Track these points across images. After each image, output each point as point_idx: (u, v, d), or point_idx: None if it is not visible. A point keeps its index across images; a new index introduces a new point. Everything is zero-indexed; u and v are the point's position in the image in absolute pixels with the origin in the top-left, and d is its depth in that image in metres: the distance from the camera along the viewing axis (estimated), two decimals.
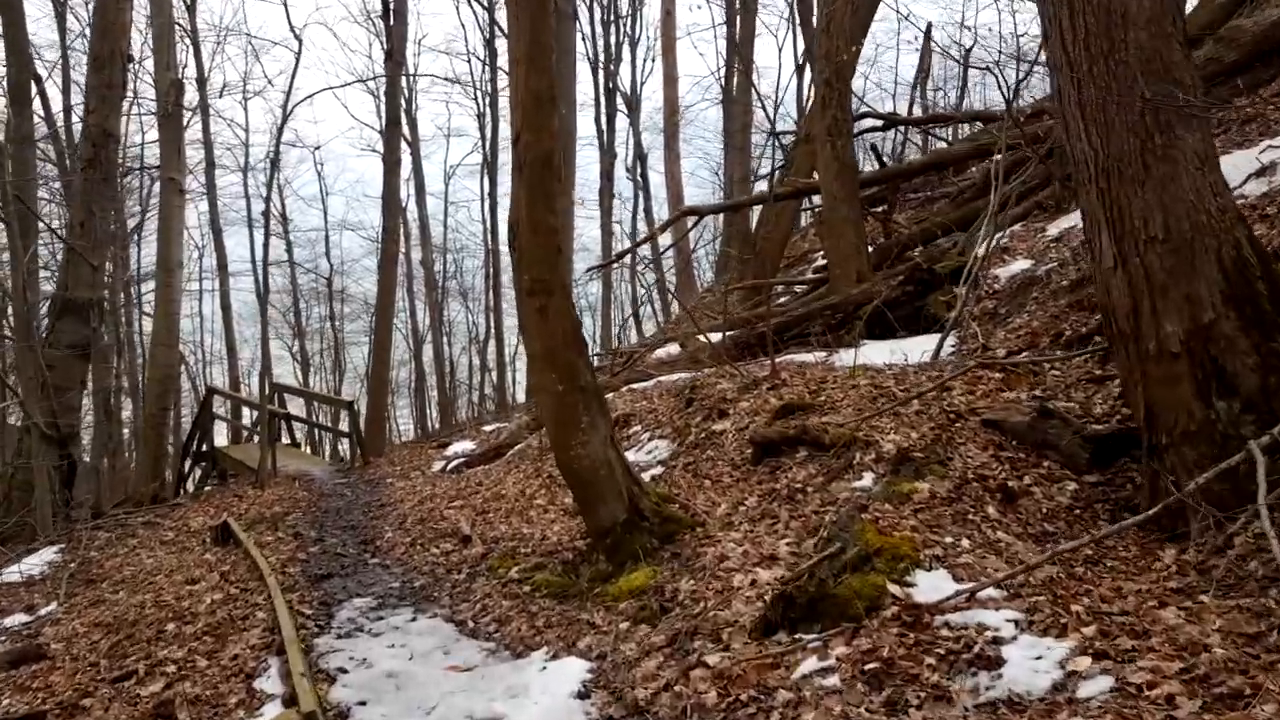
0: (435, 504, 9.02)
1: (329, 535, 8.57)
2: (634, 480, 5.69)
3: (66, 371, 10.80)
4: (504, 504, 8.02)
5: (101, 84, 11.17)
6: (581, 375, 5.58)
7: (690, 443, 7.34)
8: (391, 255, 18.41)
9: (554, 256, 5.59)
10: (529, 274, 5.53)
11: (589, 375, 5.63)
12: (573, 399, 5.53)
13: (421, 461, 14.11)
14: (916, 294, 8.77)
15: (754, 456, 6.15)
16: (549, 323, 5.52)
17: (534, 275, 5.52)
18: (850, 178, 10.91)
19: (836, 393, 6.82)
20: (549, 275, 5.54)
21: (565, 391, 5.53)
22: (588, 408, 5.57)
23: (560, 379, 5.53)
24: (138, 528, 9.86)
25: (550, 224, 5.56)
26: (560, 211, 5.69)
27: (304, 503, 11.03)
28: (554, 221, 5.58)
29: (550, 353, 5.53)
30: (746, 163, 18.56)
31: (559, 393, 5.53)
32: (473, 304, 33.95)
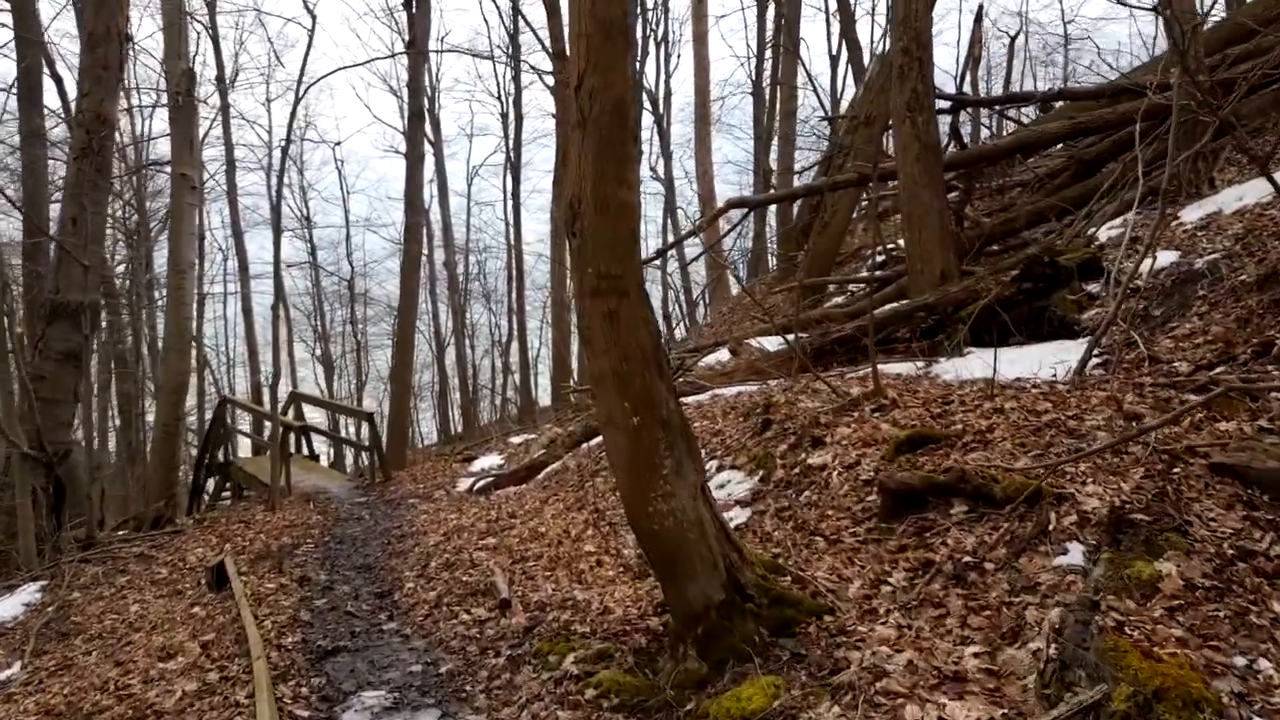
0: (463, 540, 7.44)
1: (340, 580, 7.01)
2: (732, 545, 4.08)
3: (57, 382, 9.31)
4: (545, 548, 6.42)
5: (96, 64, 9.66)
6: (663, 404, 3.98)
7: (779, 480, 5.73)
8: (414, 255, 16.90)
9: (627, 243, 3.99)
10: (594, 267, 3.93)
11: (673, 404, 4.03)
12: (652, 436, 3.94)
13: (445, 478, 12.57)
14: (1035, 292, 7.13)
15: (885, 508, 4.52)
16: (620, 333, 3.93)
17: (601, 269, 3.92)
18: (933, 160, 9.26)
19: (973, 418, 5.19)
20: (622, 269, 3.94)
21: (642, 426, 3.93)
22: (671, 448, 3.97)
23: (635, 409, 3.93)
24: (130, 561, 8.36)
25: (623, 200, 3.96)
26: (635, 184, 4.11)
27: (317, 529, 9.49)
28: (628, 196, 3.98)
29: (622, 374, 3.93)
30: (791, 152, 16.94)
31: (633, 428, 3.93)
32: (495, 306, 32.52)
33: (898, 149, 9.99)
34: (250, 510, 11.40)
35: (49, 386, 9.22)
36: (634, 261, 4.03)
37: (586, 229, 3.94)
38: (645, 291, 4.06)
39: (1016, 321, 7.12)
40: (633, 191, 4.03)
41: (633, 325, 3.95)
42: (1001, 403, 5.33)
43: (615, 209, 3.94)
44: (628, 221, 3.99)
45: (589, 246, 3.95)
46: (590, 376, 4.11)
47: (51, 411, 9.18)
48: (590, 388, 4.25)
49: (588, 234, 3.94)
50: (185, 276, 15.67)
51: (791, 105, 16.66)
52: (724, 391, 8.81)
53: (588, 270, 3.96)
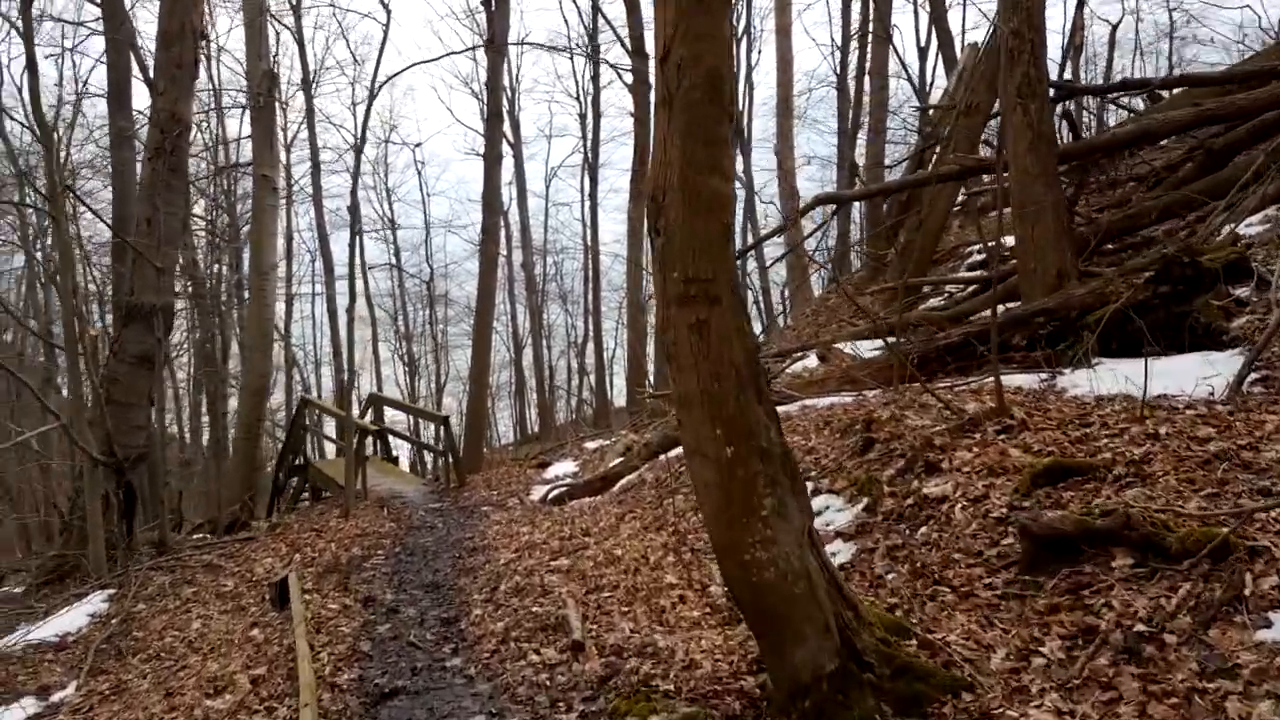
0: (534, 560, 6.86)
1: (406, 600, 6.50)
2: (846, 601, 3.39)
3: (130, 386, 9.05)
4: (621, 575, 5.79)
5: (170, 62, 9.39)
6: (762, 432, 3.31)
7: (889, 512, 4.99)
8: (491, 256, 16.48)
9: (720, 242, 3.32)
10: (681, 270, 3.28)
11: (775, 431, 3.35)
12: (749, 471, 3.27)
13: (519, 485, 12.06)
14: (1174, 296, 6.22)
15: (1028, 557, 3.75)
16: (711, 347, 3.27)
17: (689, 272, 3.27)
18: (1047, 149, 8.35)
19: (1123, 445, 4.38)
20: (713, 271, 3.28)
21: (736, 458, 3.26)
22: (773, 484, 3.29)
23: (728, 437, 3.27)
24: (198, 570, 8.03)
25: (715, 190, 3.30)
26: (730, 171, 3.45)
27: (389, 539, 9.04)
28: (721, 186, 3.32)
29: (713, 396, 3.27)
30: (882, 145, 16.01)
31: (726, 460, 3.27)
32: (572, 307, 32.10)
33: (1008, 138, 9.08)
34: (325, 515, 11.07)
35: (123, 389, 8.98)
36: (727, 262, 3.37)
37: (672, 225, 3.30)
38: (740, 297, 3.40)
39: (1152, 329, 6.21)
40: (727, 180, 3.37)
41: (725, 337, 3.29)
42: (1154, 426, 4.51)
43: (706, 201, 3.29)
44: (720, 216, 3.33)
45: (674, 245, 3.30)
46: (675, 397, 3.45)
47: (124, 415, 8.93)
48: (674, 409, 3.58)
49: (673, 231, 3.30)
50: (267, 278, 15.56)
51: (883, 96, 15.74)
52: (814, 402, 8.07)
53: (672, 273, 3.32)
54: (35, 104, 8.32)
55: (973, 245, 13.36)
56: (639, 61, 20.54)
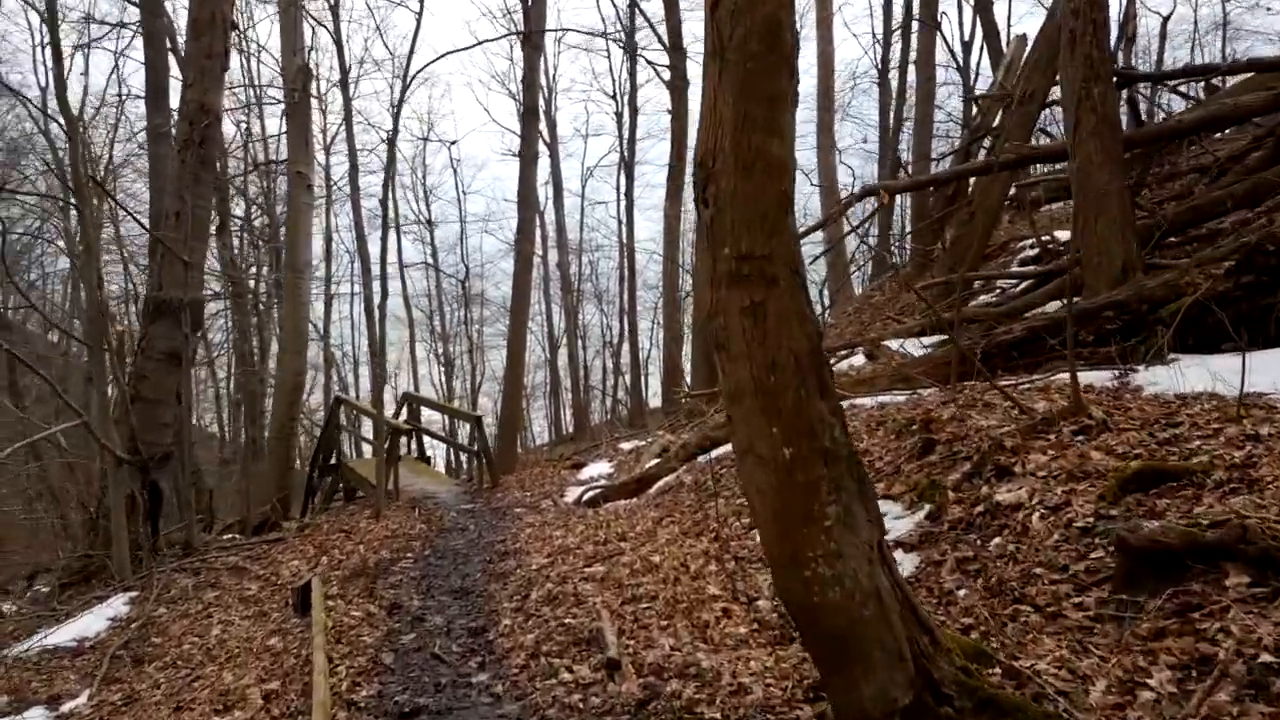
0: (568, 565, 6.47)
1: (433, 607, 6.15)
2: (921, 625, 2.95)
3: (158, 383, 8.80)
4: (660, 585, 5.38)
5: (200, 53, 9.14)
6: (825, 430, 2.88)
7: (956, 520, 4.53)
8: (526, 255, 16.16)
9: (778, 213, 2.90)
10: (733, 246, 2.87)
11: (839, 430, 2.92)
12: (810, 475, 2.85)
13: (553, 486, 11.70)
14: (1258, 287, 5.69)
15: (1124, 573, 3.29)
16: (768, 333, 2.85)
17: (743, 248, 2.86)
18: (1112, 136, 7.82)
19: (1220, 447, 3.90)
20: (770, 247, 2.86)
21: (796, 460, 2.84)
22: (838, 489, 2.87)
23: (787, 436, 2.85)
24: (223, 573, 7.76)
25: (773, 155, 2.88)
26: (790, 133, 3.03)
27: (419, 541, 8.72)
28: (780, 150, 2.90)
29: (769, 389, 2.85)
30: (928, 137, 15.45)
31: (783, 463, 2.85)
32: (607, 306, 31.74)
33: (1068, 125, 8.56)
34: (356, 516, 10.79)
35: (151, 387, 8.74)
36: (786, 237, 2.94)
37: (723, 194, 2.89)
38: (802, 277, 2.97)
39: (1234, 322, 5.68)
40: (786, 143, 2.94)
41: (784, 322, 2.87)
42: (1252, 426, 4.02)
43: (763, 167, 2.87)
44: (779, 183, 2.91)
45: (726, 218, 2.89)
46: (724, 391, 3.03)
47: (152, 412, 8.69)
48: (723, 403, 3.15)
49: (724, 201, 2.88)
50: (302, 276, 15.35)
51: (930, 88, 15.19)
52: (863, 401, 7.60)
53: (723, 250, 2.90)
54: (60, 94, 8.10)
55: (1024, 240, 12.79)
56: (676, 57, 20.14)
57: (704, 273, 3.03)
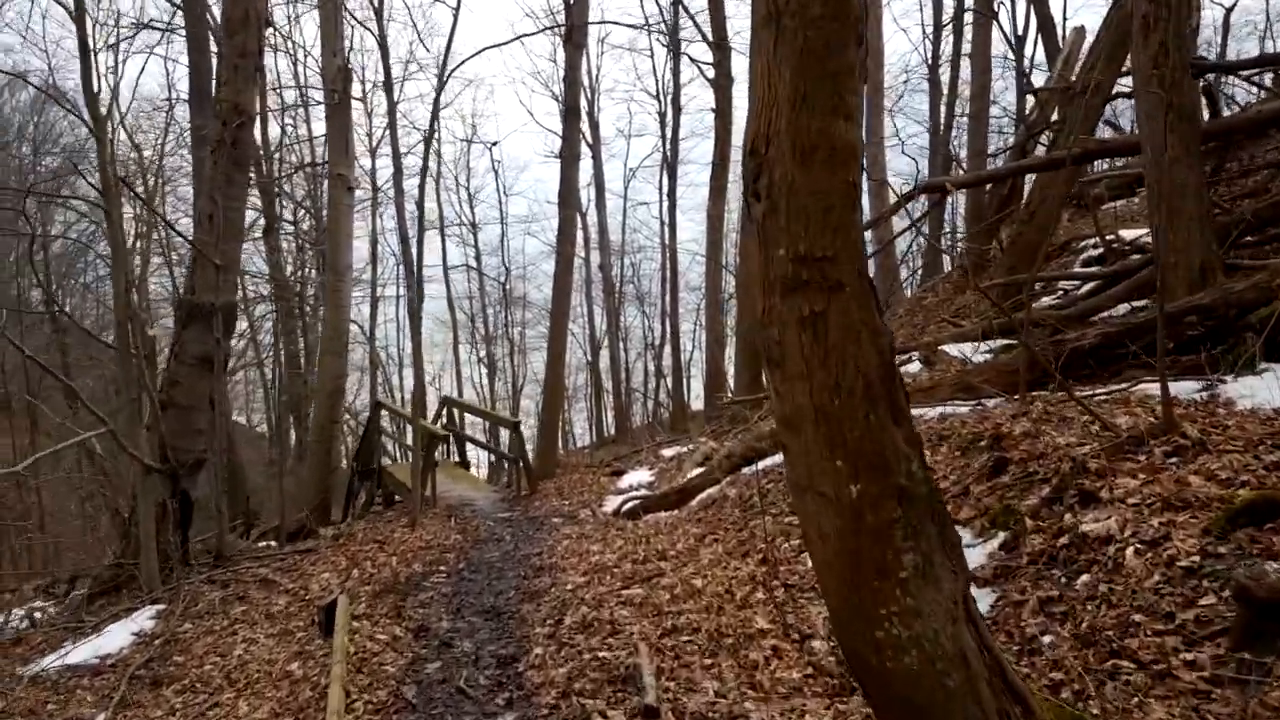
0: (604, 587, 6.04)
1: (462, 630, 5.76)
2: (1012, 694, 2.46)
3: (191, 388, 8.55)
4: (703, 616, 4.92)
5: (234, 52, 8.87)
6: (900, 464, 2.41)
7: (1036, 552, 4.02)
8: (568, 256, 15.76)
9: (843, 208, 2.44)
10: (790, 245, 2.41)
11: (917, 463, 2.45)
12: (882, 518, 2.38)
13: (592, 494, 11.30)
14: None
15: (1244, 626, 2.78)
16: (831, 349, 2.39)
17: (801, 248, 2.40)
18: (1189, 128, 7.19)
19: None
20: (833, 248, 2.40)
21: (865, 499, 2.38)
22: (915, 535, 2.40)
23: (854, 471, 2.38)
24: (252, 585, 7.47)
25: (838, 137, 2.42)
26: (857, 113, 2.57)
27: (453, 553, 8.37)
28: (845, 132, 2.43)
29: (832, 414, 2.39)
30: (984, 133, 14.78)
31: (850, 503, 2.39)
32: (649, 308, 31.31)
33: (1141, 117, 7.94)
34: (392, 524, 10.48)
35: (183, 392, 8.49)
36: (852, 235, 2.48)
37: (778, 185, 2.43)
38: (870, 283, 2.50)
39: None
40: (852, 125, 2.47)
41: (850, 336, 2.41)
42: None
43: (825, 153, 2.41)
44: (844, 171, 2.44)
45: (782, 213, 2.43)
46: (779, 417, 2.58)
47: (185, 418, 8.44)
48: (778, 430, 2.69)
49: (780, 193, 2.43)
50: (343, 278, 15.14)
51: (985, 81, 14.50)
52: (922, 412, 7.06)
53: (778, 250, 2.45)
54: (88, 92, 7.87)
55: (1086, 239, 12.10)
56: (720, 54, 19.65)
57: (755, 276, 2.57)
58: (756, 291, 2.55)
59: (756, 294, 2.55)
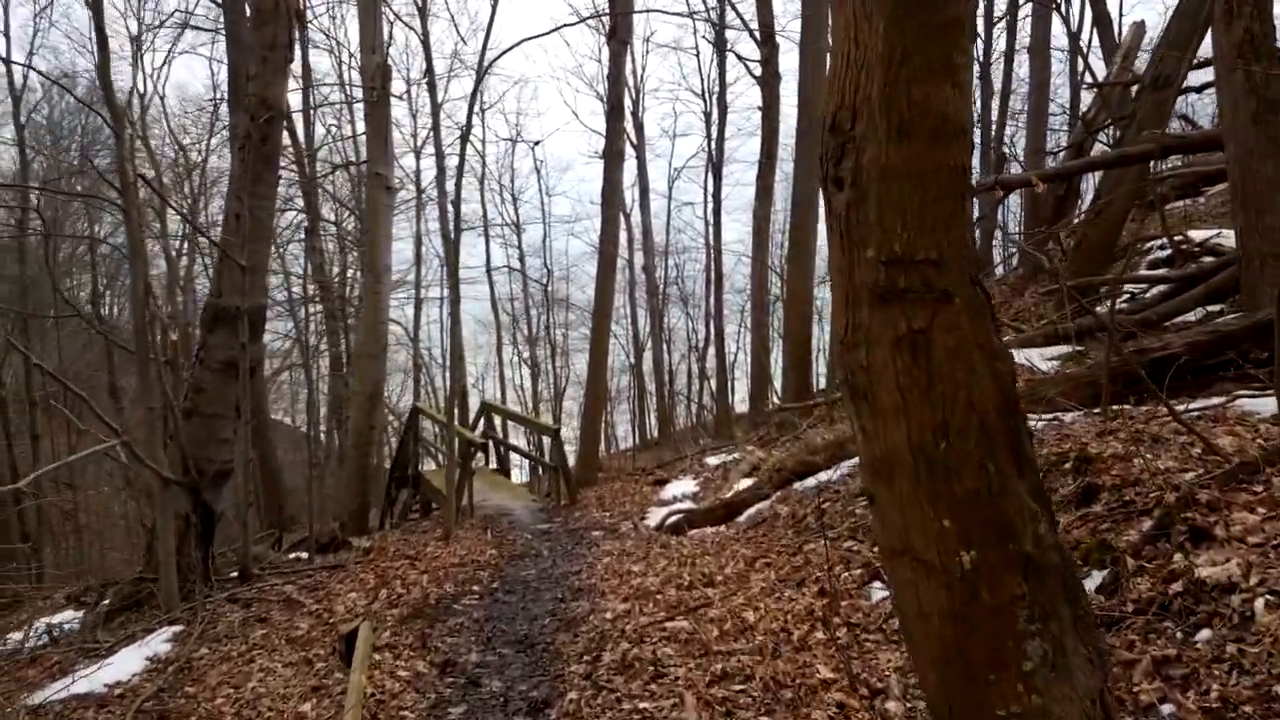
0: (647, 617, 5.53)
1: (491, 665, 5.30)
2: None
3: (217, 395, 8.19)
4: (755, 659, 4.39)
5: (262, 43, 8.51)
6: (1027, 527, 1.88)
7: (1144, 599, 3.43)
8: (610, 256, 15.30)
9: (949, 198, 1.91)
10: (882, 246, 1.89)
11: (1045, 524, 1.91)
12: (1002, 594, 1.85)
13: (634, 504, 10.82)
14: None
15: None
16: (936, 377, 1.86)
17: (897, 248, 1.88)
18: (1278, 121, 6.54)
19: None
20: (938, 247, 1.88)
21: (982, 571, 1.85)
22: (1044, 617, 1.86)
23: (966, 534, 1.86)
24: (274, 606, 7.09)
25: (943, 110, 1.89)
26: (966, 78, 2.06)
27: (487, 570, 7.94)
28: (954, 104, 1.91)
29: (937, 461, 1.87)
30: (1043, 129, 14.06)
31: (963, 575, 1.86)
32: (693, 310, 30.73)
33: (1224, 108, 7.28)
34: (426, 535, 10.09)
35: (208, 400, 8.15)
36: (961, 233, 1.95)
37: (868, 168, 1.91)
38: (985, 293, 1.97)
39: None
40: (962, 93, 1.95)
41: (961, 360, 1.88)
42: None
43: (930, 128, 1.89)
44: (952, 152, 1.92)
45: (873, 203, 1.91)
46: (865, 461, 2.05)
47: (210, 427, 8.10)
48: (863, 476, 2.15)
49: (870, 179, 1.91)
50: (381, 280, 14.83)
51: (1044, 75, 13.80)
52: None
53: (866, 251, 1.93)
54: (105, 85, 7.53)
55: (1152, 240, 11.36)
56: (767, 50, 19.09)
57: (836, 282, 2.05)
58: (837, 303, 2.03)
59: (837, 306, 2.03)
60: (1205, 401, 5.57)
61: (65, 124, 23.43)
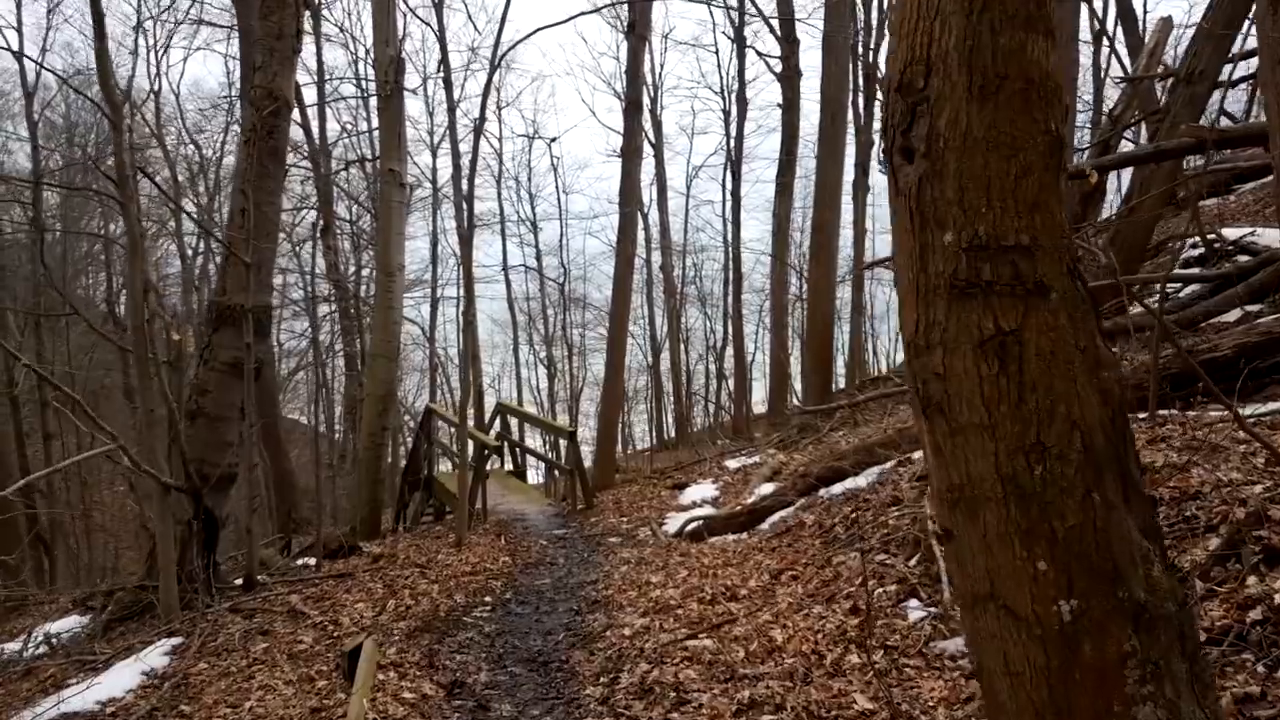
0: (668, 634, 5.21)
1: (501, 687, 4.98)
2: None
3: (221, 397, 7.90)
4: (785, 686, 4.05)
5: (269, 33, 8.21)
6: (1136, 569, 1.54)
7: (1218, 627, 3.08)
8: (628, 255, 14.97)
9: (1043, 170, 1.59)
10: (962, 227, 1.56)
11: (1158, 565, 1.58)
12: (1109, 649, 1.52)
13: (652, 509, 10.49)
14: None
15: None
16: (1029, 387, 1.53)
17: (979, 230, 1.55)
18: None
19: None
20: (1031, 229, 1.55)
21: (1081, 623, 1.51)
22: (1157, 676, 1.52)
23: (1066, 578, 1.52)
24: (278, 617, 6.81)
25: (1035, 63, 1.56)
26: (1054, 30, 1.74)
27: (500, 579, 7.63)
28: (1045, 59, 1.58)
29: (1031, 490, 1.53)
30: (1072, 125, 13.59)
31: (1062, 626, 1.52)
32: (711, 310, 30.34)
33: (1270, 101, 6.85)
34: (439, 541, 9.79)
35: (213, 401, 7.87)
36: (1056, 214, 1.61)
37: (945, 133, 1.58)
38: (1086, 287, 1.64)
39: None
40: (1053, 45, 1.61)
41: (1059, 368, 1.55)
42: None
43: (1018, 86, 1.56)
44: (1045, 115, 1.59)
45: (950, 176, 1.58)
46: (940, 487, 1.72)
47: (215, 429, 7.83)
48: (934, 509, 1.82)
49: (948, 145, 1.58)
50: (394, 279, 14.53)
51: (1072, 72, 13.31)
52: None
53: (942, 235, 1.60)
54: (103, 75, 7.25)
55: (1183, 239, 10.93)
56: (788, 48, 18.75)
57: (904, 274, 1.71)
58: (905, 298, 1.70)
59: (905, 301, 1.70)
60: (1260, 406, 5.22)
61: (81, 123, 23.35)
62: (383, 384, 14.11)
